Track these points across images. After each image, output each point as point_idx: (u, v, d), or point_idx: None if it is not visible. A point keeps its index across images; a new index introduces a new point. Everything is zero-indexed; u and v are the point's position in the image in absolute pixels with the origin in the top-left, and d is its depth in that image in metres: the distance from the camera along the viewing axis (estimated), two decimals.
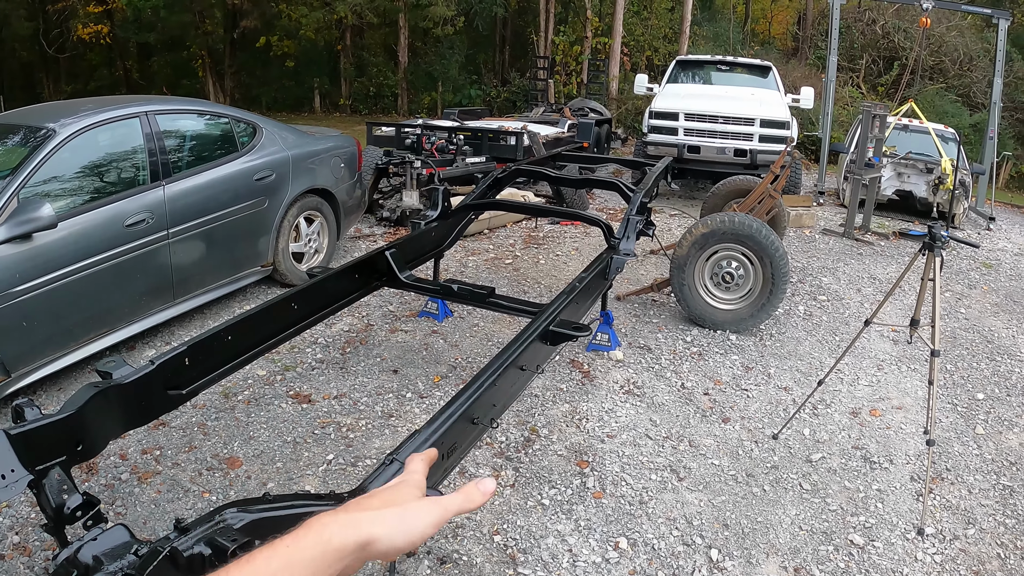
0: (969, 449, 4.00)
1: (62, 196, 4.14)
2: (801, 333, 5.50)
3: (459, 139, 9.13)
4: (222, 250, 5.24)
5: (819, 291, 6.56)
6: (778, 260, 5.16)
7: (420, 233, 5.18)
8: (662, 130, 10.39)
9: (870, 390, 4.58)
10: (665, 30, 24.16)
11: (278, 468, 3.60)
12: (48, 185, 4.08)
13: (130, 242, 4.37)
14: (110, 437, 2.62)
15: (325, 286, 4.12)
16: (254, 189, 5.46)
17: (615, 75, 20.59)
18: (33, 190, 3.95)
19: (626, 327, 5.42)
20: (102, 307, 4.28)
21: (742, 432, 3.97)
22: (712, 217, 5.39)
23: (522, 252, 7.49)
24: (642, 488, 3.42)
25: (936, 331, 3.26)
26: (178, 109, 5.19)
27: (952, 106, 18.77)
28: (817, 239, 8.72)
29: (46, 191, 4.04)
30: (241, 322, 3.39)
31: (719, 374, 4.70)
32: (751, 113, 10.00)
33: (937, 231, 3.31)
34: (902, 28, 21.27)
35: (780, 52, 24.69)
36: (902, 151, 10.46)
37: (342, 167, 6.48)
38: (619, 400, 4.25)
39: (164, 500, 3.28)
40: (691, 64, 12.62)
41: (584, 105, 15.67)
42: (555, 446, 3.76)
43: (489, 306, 4.28)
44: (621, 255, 4.54)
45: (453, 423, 2.56)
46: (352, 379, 4.52)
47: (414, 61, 24.80)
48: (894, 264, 7.69)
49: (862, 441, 3.95)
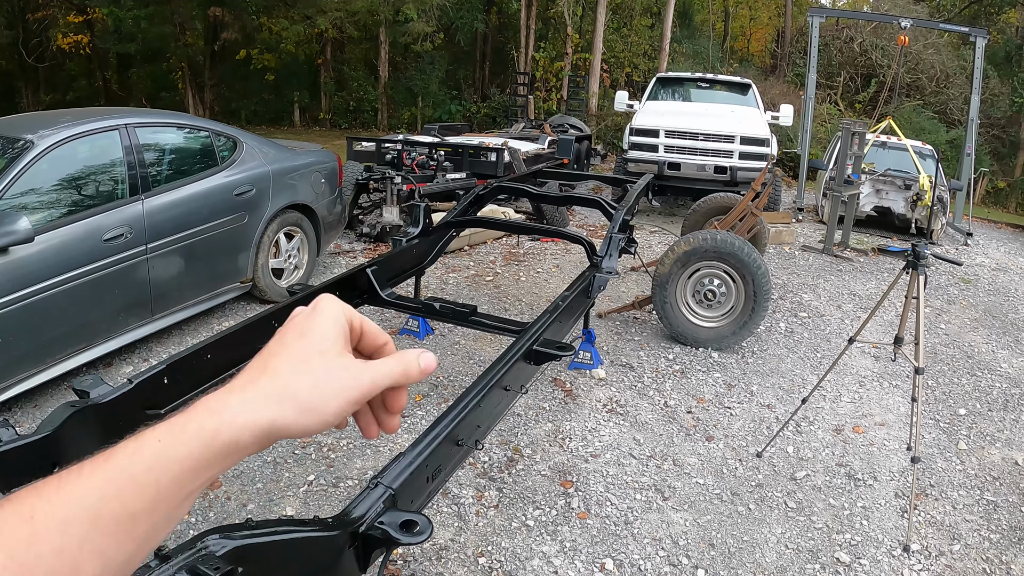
0: (952, 465, 4.02)
1: (39, 209, 4.08)
2: (783, 350, 5.52)
3: (439, 155, 9.11)
4: (201, 266, 5.18)
5: (800, 308, 6.59)
6: (760, 278, 5.18)
7: (401, 250, 5.13)
8: (642, 147, 10.44)
9: (852, 407, 4.59)
10: (645, 47, 24.35)
11: (258, 489, 3.54)
12: (25, 198, 4.01)
13: (108, 257, 4.31)
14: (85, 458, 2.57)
15: (305, 303, 4.06)
16: (234, 204, 5.40)
17: (595, 91, 20.71)
18: (10, 203, 3.88)
19: (608, 345, 5.41)
20: (79, 323, 4.20)
21: (726, 450, 3.96)
22: (694, 235, 5.40)
23: (503, 269, 7.47)
24: (627, 508, 3.39)
25: (920, 348, 3.27)
26: (158, 122, 5.14)
27: (929, 123, 19.07)
28: (797, 255, 8.78)
29: (23, 204, 3.97)
30: (221, 340, 3.34)
31: (702, 392, 4.69)
32: (731, 130, 10.07)
33: (921, 249, 3.33)
34: (879, 46, 21.60)
35: (759, 69, 24.99)
36: (881, 168, 10.58)
37: (322, 182, 6.43)
38: (602, 419, 4.23)
39: None
40: (671, 81, 12.72)
41: (564, 121, 15.72)
42: (539, 466, 3.72)
43: (471, 324, 4.24)
44: (604, 273, 4.52)
45: (438, 445, 2.52)
46: None
47: (394, 76, 24.80)
48: (874, 280, 7.76)
49: (846, 458, 3.95)
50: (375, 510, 2.14)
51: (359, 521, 2.10)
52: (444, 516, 3.32)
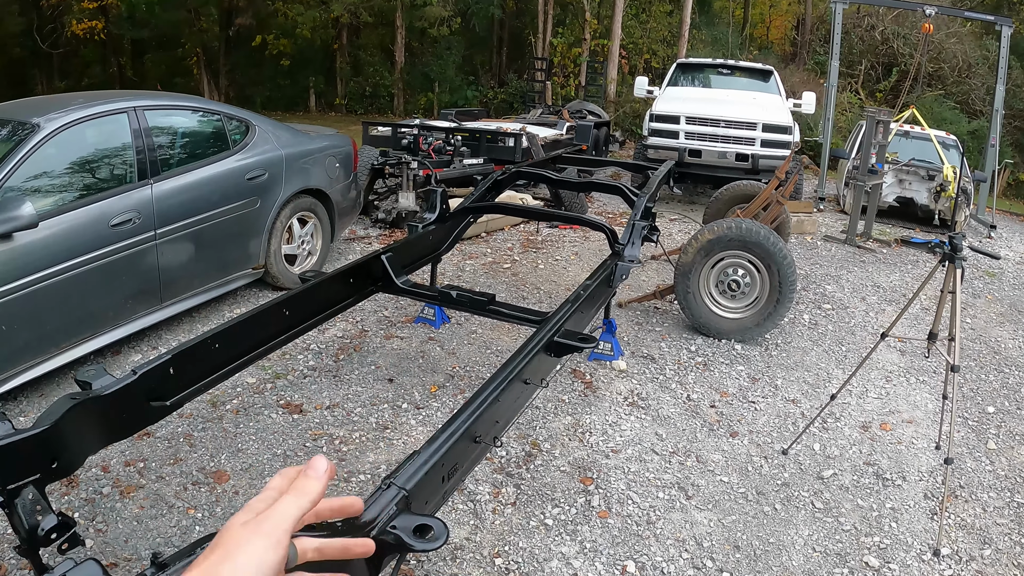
0: (982, 465, 3.87)
1: (45, 194, 3.98)
2: (807, 343, 5.37)
3: (456, 140, 8.97)
4: (212, 252, 5.09)
5: (823, 299, 6.43)
6: (786, 268, 5.03)
7: (417, 236, 5.02)
8: (663, 133, 10.26)
9: (879, 403, 4.44)
10: (664, 33, 24.06)
11: (266, 483, 3.43)
12: (30, 182, 3.91)
13: (116, 243, 4.21)
14: (89, 452, 2.47)
15: (318, 291, 3.97)
16: (246, 189, 5.30)
17: (613, 78, 20.47)
18: (15, 187, 3.78)
19: (628, 336, 5.28)
20: (86, 310, 4.11)
21: (751, 447, 3.83)
22: (718, 223, 5.25)
23: (520, 256, 7.34)
24: (649, 507, 3.28)
25: (956, 345, 3.12)
26: (168, 105, 5.03)
27: (951, 113, 18.70)
28: (819, 246, 8.60)
29: (28, 188, 3.88)
30: (229, 329, 3.24)
31: (725, 386, 4.55)
32: (753, 117, 9.88)
33: (958, 241, 3.17)
34: (901, 34, 21.19)
35: (778, 57, 24.62)
36: (904, 157, 10.35)
37: (337, 167, 6.32)
38: (623, 413, 4.11)
39: (147, 516, 3.13)
40: (692, 67, 12.49)
41: (582, 107, 15.56)
42: (557, 461, 3.61)
43: (489, 314, 4.12)
44: (626, 261, 4.39)
45: (455, 443, 2.41)
46: (345, 388, 4.37)
47: (411, 61, 24.63)
48: (897, 272, 7.57)
49: (874, 457, 3.81)
50: (387, 513, 2.03)
51: (370, 525, 1.99)
52: (460, 514, 3.22)
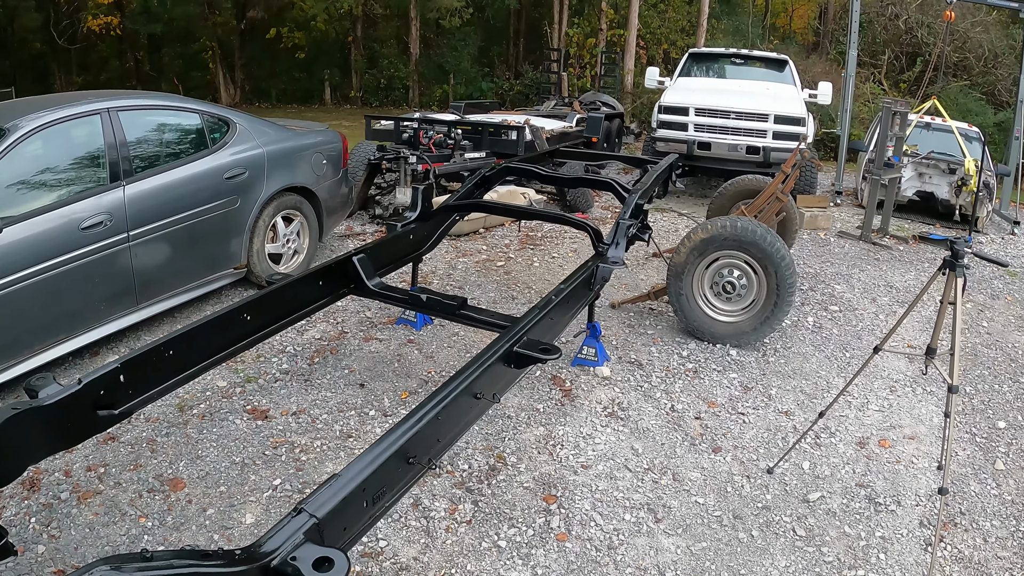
0: (987, 488, 3.56)
1: (13, 199, 3.94)
2: (808, 348, 5.08)
3: (457, 133, 8.76)
4: (190, 252, 5.01)
5: (831, 300, 6.13)
6: (784, 270, 4.76)
7: (396, 236, 4.83)
8: (672, 125, 9.97)
9: (880, 416, 4.15)
10: (683, 23, 23.62)
11: (221, 492, 3.31)
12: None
13: (86, 245, 4.19)
14: (30, 462, 2.46)
15: (283, 294, 3.82)
16: (224, 188, 5.20)
17: (630, 68, 20.12)
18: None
19: (618, 339, 5.04)
20: (58, 313, 4.06)
21: (733, 464, 3.57)
22: (713, 221, 4.98)
23: (516, 254, 7.12)
24: (613, 530, 3.04)
25: (955, 363, 2.84)
26: (144, 105, 4.95)
27: (976, 104, 18.11)
28: (832, 242, 8.28)
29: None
30: (184, 335, 3.13)
31: (714, 395, 4.30)
32: (765, 108, 9.55)
33: (959, 248, 2.87)
34: (925, 23, 20.57)
35: (800, 47, 24.10)
36: (924, 150, 9.96)
37: (324, 163, 6.15)
38: (600, 424, 3.87)
39: (100, 524, 3.05)
40: (704, 57, 12.15)
41: (596, 99, 15.29)
42: (522, 476, 3.39)
43: (459, 319, 3.92)
44: (609, 264, 4.15)
45: (383, 464, 2.22)
46: (315, 393, 4.19)
47: (426, 53, 24.44)
48: (913, 271, 7.24)
49: (868, 478, 3.52)
50: (292, 542, 1.88)
51: (271, 555, 1.84)
52: (412, 531, 3.02)
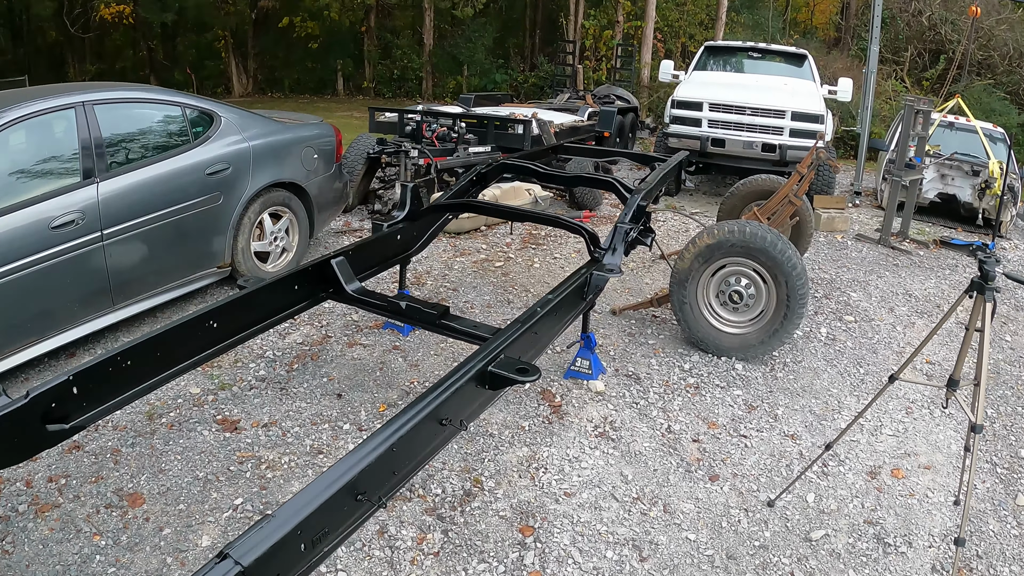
0: (1007, 527, 3.22)
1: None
2: (820, 362, 4.77)
3: (461, 127, 8.47)
4: (168, 251, 4.81)
5: (846, 309, 5.81)
6: (795, 280, 4.44)
7: (382, 236, 4.59)
8: (685, 121, 9.64)
9: (895, 442, 3.82)
10: (702, 16, 23.15)
11: (180, 511, 3.09)
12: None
13: (56, 245, 4.00)
14: None
15: (254, 299, 3.57)
16: (206, 184, 4.99)
17: (647, 62, 19.71)
18: None
19: (616, 349, 4.75)
20: (26, 315, 3.91)
21: (731, 495, 3.27)
22: (720, 226, 4.68)
23: (517, 254, 6.84)
24: (592, 569, 2.76)
25: (980, 398, 2.52)
26: (122, 98, 4.73)
27: (1000, 104, 17.56)
28: (849, 246, 7.93)
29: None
30: (142, 345, 2.91)
31: (715, 414, 3.99)
32: (782, 104, 9.19)
33: (990, 268, 2.54)
34: (949, 20, 19.99)
35: (822, 42, 23.55)
36: (946, 151, 9.56)
37: (315, 158, 5.90)
38: (589, 446, 3.58)
39: (54, 540, 2.87)
40: (721, 50, 11.77)
41: (610, 92, 14.95)
42: (499, 504, 3.11)
43: (440, 329, 3.64)
44: (604, 271, 3.86)
45: (326, 502, 1.96)
46: (290, 403, 3.95)
47: (440, 44, 24.14)
48: (933, 278, 6.89)
49: (877, 513, 3.21)
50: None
51: None
52: (374, 562, 2.76)
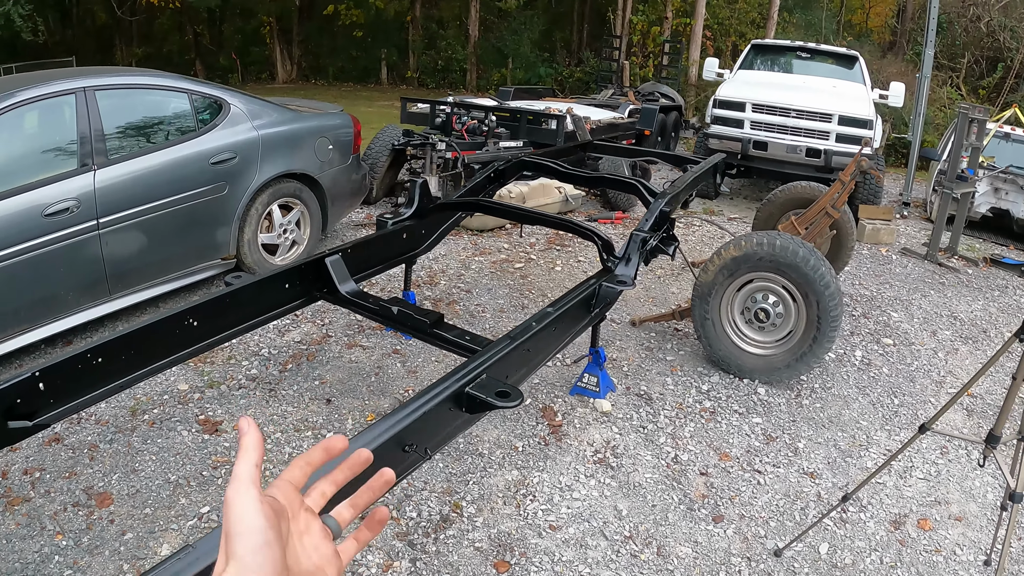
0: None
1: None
2: (852, 390, 4.40)
3: (492, 120, 8.20)
4: (169, 241, 4.67)
5: (885, 331, 5.41)
6: (827, 299, 4.09)
7: (385, 234, 4.33)
8: (726, 121, 9.25)
9: (925, 487, 3.44)
10: (753, 15, 22.52)
11: (146, 515, 2.93)
12: None
13: (50, 233, 3.92)
14: None
15: (240, 297, 3.35)
16: (210, 174, 4.85)
17: (695, 59, 19.20)
18: None
19: (631, 364, 4.45)
20: (19, 302, 3.87)
21: (735, 540, 2.95)
22: (748, 237, 4.34)
23: (539, 255, 6.56)
24: None
25: None
26: (127, 84, 4.61)
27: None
28: (894, 260, 7.49)
29: None
30: (114, 342, 2.74)
31: (729, 444, 3.67)
32: (829, 108, 8.75)
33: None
34: (1009, 26, 19.13)
35: (876, 45, 22.76)
36: (1001, 163, 9.02)
37: (330, 149, 5.69)
38: (585, 472, 3.29)
39: (17, 537, 2.76)
40: (768, 49, 11.32)
41: (654, 89, 14.59)
42: (477, 533, 2.85)
43: (430, 339, 3.38)
44: (613, 283, 3.56)
45: None
46: (276, 407, 3.75)
47: (486, 36, 23.88)
48: (981, 300, 6.43)
49: (897, 571, 2.85)
50: None
51: None
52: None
